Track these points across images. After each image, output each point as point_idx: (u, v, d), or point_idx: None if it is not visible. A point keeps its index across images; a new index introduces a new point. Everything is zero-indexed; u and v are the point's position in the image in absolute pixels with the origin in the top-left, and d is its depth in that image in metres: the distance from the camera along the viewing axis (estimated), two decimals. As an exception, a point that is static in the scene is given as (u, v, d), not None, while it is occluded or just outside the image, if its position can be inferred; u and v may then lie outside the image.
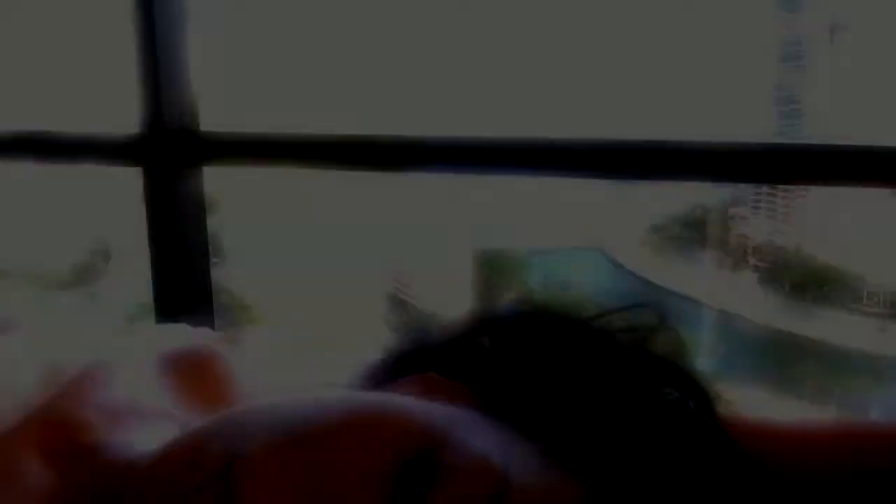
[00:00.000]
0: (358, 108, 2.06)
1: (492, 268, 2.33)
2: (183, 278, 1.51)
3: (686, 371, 0.60)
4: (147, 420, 0.61)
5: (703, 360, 0.64)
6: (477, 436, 0.51)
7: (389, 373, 0.63)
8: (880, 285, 2.29)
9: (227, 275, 1.78)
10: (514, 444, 0.52)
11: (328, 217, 2.13)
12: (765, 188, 2.36)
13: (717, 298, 2.38)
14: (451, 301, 2.28)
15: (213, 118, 1.55)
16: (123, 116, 1.54)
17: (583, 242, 2.48)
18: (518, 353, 0.60)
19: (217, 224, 1.64)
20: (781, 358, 2.36)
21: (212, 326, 1.53)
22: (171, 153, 1.49)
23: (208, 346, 0.71)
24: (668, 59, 2.10)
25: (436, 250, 2.31)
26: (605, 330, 0.62)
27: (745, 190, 2.40)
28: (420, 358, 0.64)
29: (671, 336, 0.61)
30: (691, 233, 2.47)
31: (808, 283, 2.34)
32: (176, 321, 0.78)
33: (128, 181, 1.60)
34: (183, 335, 0.74)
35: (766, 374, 2.30)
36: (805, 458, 0.62)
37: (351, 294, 2.20)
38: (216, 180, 1.61)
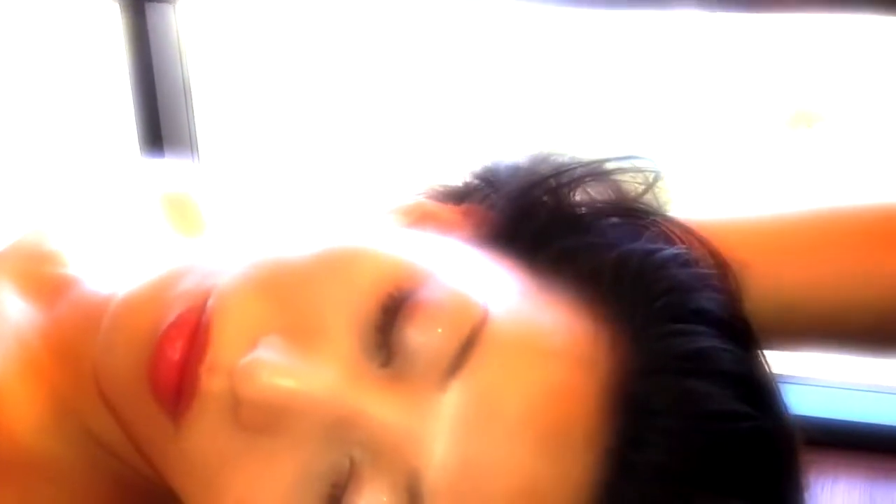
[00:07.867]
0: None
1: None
2: (164, 115, 1.50)
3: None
4: (127, 255, 0.61)
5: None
6: (460, 271, 0.50)
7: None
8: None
9: (211, 114, 1.77)
10: (504, 280, 0.51)
11: (320, 56, 2.10)
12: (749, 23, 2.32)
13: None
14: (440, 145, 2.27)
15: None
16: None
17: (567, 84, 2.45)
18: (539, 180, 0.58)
19: (203, 63, 1.61)
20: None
21: (195, 163, 1.53)
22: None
23: (191, 181, 0.71)
24: None
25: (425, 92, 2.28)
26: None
27: (730, 23, 2.37)
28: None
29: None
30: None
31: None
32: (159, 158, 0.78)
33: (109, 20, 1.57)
34: (166, 171, 0.73)
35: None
36: (786, 261, 0.60)
37: (337, 133, 2.19)
38: (206, 19, 1.58)
